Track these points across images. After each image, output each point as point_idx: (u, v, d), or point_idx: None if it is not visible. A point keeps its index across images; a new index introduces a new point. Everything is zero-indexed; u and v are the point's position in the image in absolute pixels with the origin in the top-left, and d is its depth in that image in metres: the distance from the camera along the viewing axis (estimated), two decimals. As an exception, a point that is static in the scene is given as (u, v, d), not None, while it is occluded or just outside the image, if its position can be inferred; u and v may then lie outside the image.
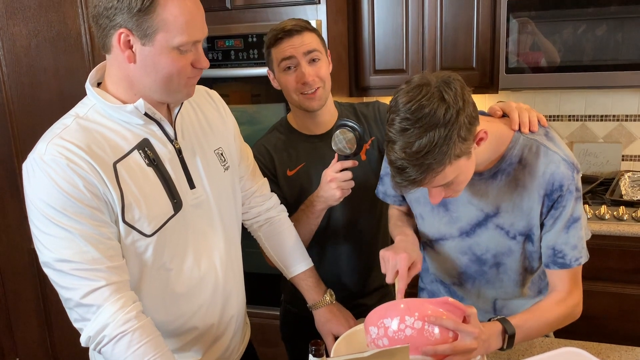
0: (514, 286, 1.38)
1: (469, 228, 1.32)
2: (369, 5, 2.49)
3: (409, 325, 1.07)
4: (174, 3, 1.03)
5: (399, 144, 1.05)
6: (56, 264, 1.04)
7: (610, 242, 2.12)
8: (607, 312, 2.20)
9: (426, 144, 1.03)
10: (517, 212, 1.26)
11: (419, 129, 1.03)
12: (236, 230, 1.37)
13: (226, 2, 2.33)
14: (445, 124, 1.03)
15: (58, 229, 1.03)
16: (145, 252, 1.13)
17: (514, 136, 1.24)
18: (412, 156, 1.04)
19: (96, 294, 1.04)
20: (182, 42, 1.05)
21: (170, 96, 1.14)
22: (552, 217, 1.23)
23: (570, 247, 1.24)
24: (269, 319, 2.66)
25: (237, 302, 1.35)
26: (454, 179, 1.11)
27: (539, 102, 2.69)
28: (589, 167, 2.63)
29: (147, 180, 1.12)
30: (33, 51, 2.34)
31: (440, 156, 1.04)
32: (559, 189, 1.20)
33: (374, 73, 2.56)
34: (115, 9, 1.02)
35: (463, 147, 1.07)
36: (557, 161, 1.20)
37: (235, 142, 1.39)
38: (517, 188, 1.24)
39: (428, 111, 1.03)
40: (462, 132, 1.06)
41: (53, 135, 1.06)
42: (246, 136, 1.49)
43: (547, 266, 1.28)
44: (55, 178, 1.02)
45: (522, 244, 1.29)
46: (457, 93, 1.06)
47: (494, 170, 1.25)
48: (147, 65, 1.06)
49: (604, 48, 2.18)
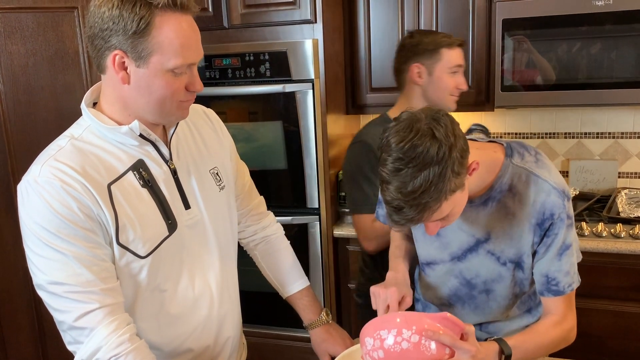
0: (502, 310, 1.38)
1: (460, 253, 1.33)
2: (365, 24, 2.51)
3: (405, 339, 1.05)
4: (169, 26, 1.03)
5: (394, 185, 1.05)
6: (49, 287, 1.03)
7: (607, 260, 2.12)
8: (605, 330, 2.19)
9: (421, 184, 1.03)
10: (507, 239, 1.26)
11: (413, 168, 1.03)
12: (232, 250, 1.36)
13: (223, 21, 2.35)
14: (439, 161, 1.03)
15: (51, 251, 1.02)
16: (139, 274, 1.12)
17: (503, 163, 1.24)
18: (408, 196, 1.04)
19: (89, 316, 1.03)
20: (177, 64, 1.05)
21: (163, 118, 1.14)
22: (545, 245, 1.24)
23: (563, 274, 1.25)
24: (267, 338, 2.63)
25: (233, 323, 1.33)
26: (450, 212, 1.11)
27: (534, 119, 2.70)
28: (585, 184, 2.63)
29: (142, 201, 1.12)
30: (31, 69, 2.35)
31: (436, 194, 1.04)
32: (550, 217, 1.21)
33: (371, 91, 2.58)
34: (111, 30, 1.02)
35: (457, 182, 1.07)
36: (548, 190, 1.21)
37: (232, 161, 1.38)
38: (507, 215, 1.25)
39: (421, 150, 1.02)
40: (455, 167, 1.05)
41: (47, 157, 1.06)
42: (243, 153, 1.49)
43: (542, 294, 1.29)
44: (49, 200, 1.02)
45: (512, 270, 1.30)
46: (448, 129, 1.06)
47: (485, 197, 1.25)
48: (141, 87, 1.06)
49: (599, 66, 2.19)
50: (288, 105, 2.33)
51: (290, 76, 2.32)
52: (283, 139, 2.38)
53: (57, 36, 2.34)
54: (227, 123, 1.42)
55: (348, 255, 2.49)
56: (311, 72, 2.30)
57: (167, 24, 1.03)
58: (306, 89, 2.31)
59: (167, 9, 1.03)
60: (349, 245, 2.48)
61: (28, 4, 2.30)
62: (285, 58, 2.31)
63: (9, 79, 2.34)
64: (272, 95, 2.32)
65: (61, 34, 2.35)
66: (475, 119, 2.77)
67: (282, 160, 2.42)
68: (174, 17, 1.04)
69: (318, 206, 2.43)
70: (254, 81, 2.36)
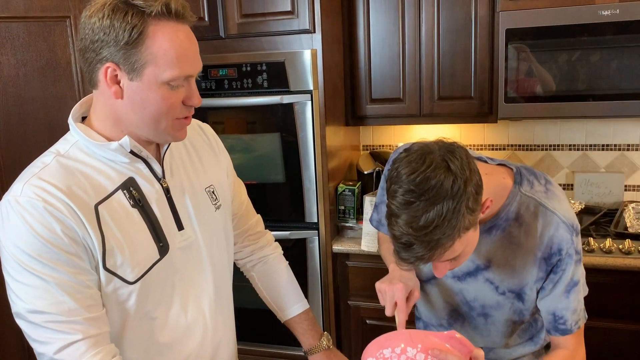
0: (501, 337, 1.32)
1: (461, 274, 1.27)
2: (364, 34, 2.46)
3: (410, 357, 0.98)
4: (164, 35, 0.97)
5: (404, 218, 0.98)
6: (29, 316, 0.96)
7: (617, 277, 2.05)
8: (616, 350, 2.12)
9: (434, 218, 0.96)
10: (508, 269, 1.21)
11: (425, 202, 0.96)
12: (227, 273, 1.29)
13: (220, 31, 2.30)
14: (453, 196, 0.96)
15: (32, 278, 0.95)
16: (127, 301, 1.05)
17: (511, 191, 1.19)
18: (419, 231, 0.97)
19: (71, 348, 0.96)
20: (173, 76, 0.98)
21: (158, 136, 1.06)
22: (552, 282, 1.20)
23: (570, 312, 1.21)
24: (264, 356, 2.55)
25: (227, 350, 1.26)
26: (462, 252, 1.05)
27: (538, 131, 2.64)
28: (591, 197, 2.57)
29: (132, 222, 1.05)
30: (21, 80, 2.29)
31: (450, 230, 0.97)
32: (557, 253, 1.16)
33: (371, 102, 2.52)
34: (102, 41, 0.96)
35: (471, 219, 1.01)
36: (556, 223, 1.16)
37: (228, 179, 1.32)
38: (510, 245, 1.20)
39: (434, 183, 0.96)
40: (470, 203, 0.99)
41: (30, 174, 0.99)
42: (240, 165, 1.44)
43: (549, 332, 1.25)
44: (31, 222, 0.94)
45: (511, 299, 1.24)
46: (463, 162, 0.99)
47: (489, 225, 1.20)
48: (134, 102, 1.00)
49: (605, 77, 2.14)
50: (286, 117, 2.27)
51: (289, 87, 2.26)
52: (281, 151, 2.32)
53: (48, 46, 2.28)
54: (224, 134, 1.36)
55: (348, 271, 2.42)
56: (310, 83, 2.24)
57: (162, 33, 0.97)
58: (305, 100, 2.25)
59: (161, 17, 0.96)
60: (349, 260, 2.40)
61: (19, 13, 2.24)
62: (283, 68, 2.25)
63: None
64: (270, 106, 2.26)
65: (52, 44, 2.29)
66: (477, 131, 2.71)
67: (280, 173, 2.36)
68: (168, 25, 0.97)
69: (317, 220, 2.36)
70: (251, 92, 2.30)
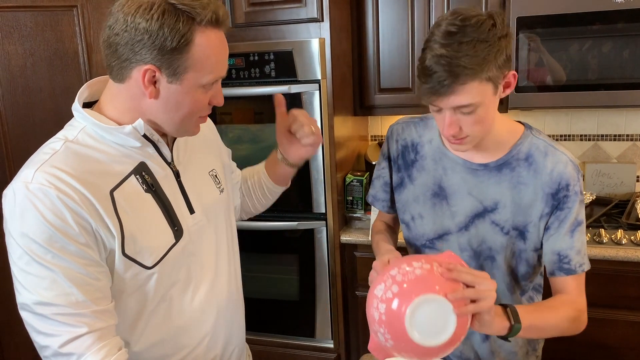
0: (505, 288, 1.34)
1: (467, 221, 1.30)
2: (373, 22, 2.43)
3: (417, 267, 1.01)
4: (208, 43, 0.97)
5: (441, 43, 1.06)
6: (35, 307, 0.94)
7: (629, 269, 2.02)
8: (626, 342, 2.10)
9: (467, 47, 1.04)
10: (515, 208, 1.25)
11: (464, 33, 1.05)
12: (236, 254, 1.30)
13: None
14: (489, 38, 1.05)
15: (40, 268, 0.94)
16: (145, 285, 1.05)
17: (523, 132, 1.26)
18: (451, 52, 1.04)
19: (77, 342, 0.94)
20: (210, 80, 1.00)
21: (179, 132, 1.08)
22: (558, 219, 1.23)
23: (575, 252, 1.24)
24: (270, 346, 2.56)
25: (239, 331, 1.28)
26: (474, 109, 1.10)
27: (549, 121, 2.61)
28: (602, 188, 2.54)
29: (146, 207, 1.05)
30: (29, 70, 2.28)
31: (477, 63, 1.04)
32: (565, 188, 1.21)
33: (379, 92, 2.49)
34: (144, 43, 0.94)
35: (494, 75, 1.08)
36: (565, 161, 1.23)
37: (228, 161, 1.36)
38: (518, 185, 1.24)
39: (475, 22, 1.05)
40: (500, 58, 1.07)
41: (41, 161, 0.97)
42: (249, 155, 1.45)
43: (552, 274, 1.26)
44: (42, 209, 0.92)
45: (514, 239, 1.28)
46: (505, 24, 1.09)
47: (501, 162, 1.25)
48: (169, 103, 1.00)
49: (618, 66, 2.10)
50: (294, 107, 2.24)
51: (296, 77, 2.24)
52: (289, 141, 2.30)
53: (55, 36, 2.27)
54: (231, 125, 1.36)
55: (355, 262, 2.41)
56: (318, 72, 2.22)
57: (207, 40, 0.97)
58: (313, 90, 2.23)
59: (208, 25, 0.97)
60: (357, 251, 2.39)
61: (26, 2, 2.23)
62: (291, 58, 2.23)
63: (7, 79, 2.27)
64: (278, 96, 2.25)
65: (60, 33, 2.28)
66: (487, 120, 2.68)
67: (287, 163, 2.34)
68: (213, 33, 0.98)
69: (325, 211, 2.35)
70: (258, 82, 2.29)
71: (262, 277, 1.47)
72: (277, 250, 2.45)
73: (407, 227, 1.41)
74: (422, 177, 1.34)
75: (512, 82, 1.14)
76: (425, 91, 1.09)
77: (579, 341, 1.71)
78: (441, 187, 1.32)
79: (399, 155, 1.39)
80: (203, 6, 0.95)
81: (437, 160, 1.32)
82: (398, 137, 1.40)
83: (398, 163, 1.39)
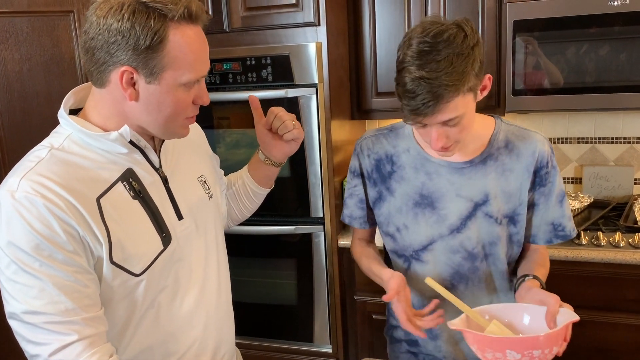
0: (501, 279, 1.36)
1: (460, 223, 1.30)
2: (370, 26, 2.43)
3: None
4: (184, 39, 0.96)
5: (417, 64, 1.06)
6: (25, 316, 0.93)
7: (627, 272, 2.02)
8: (623, 345, 2.09)
9: (444, 65, 1.05)
10: (504, 196, 1.30)
11: (437, 51, 1.05)
12: (224, 260, 1.30)
13: (224, 25, 2.28)
14: (464, 50, 1.06)
15: (27, 277, 0.93)
16: (134, 292, 1.04)
17: (496, 122, 1.32)
18: (430, 73, 1.04)
19: (67, 350, 0.94)
20: (190, 79, 0.99)
21: (166, 134, 1.07)
22: (543, 195, 1.32)
23: (567, 219, 1.35)
24: (268, 351, 2.55)
25: (229, 336, 1.28)
26: (459, 119, 1.12)
27: (546, 124, 2.61)
28: (600, 191, 2.53)
29: (134, 214, 1.04)
30: (25, 75, 2.28)
31: (457, 79, 1.05)
32: (546, 165, 1.29)
33: (376, 95, 2.49)
34: (119, 44, 0.93)
35: (473, 84, 1.10)
36: (542, 140, 1.30)
37: (215, 168, 1.35)
38: (504, 172, 1.29)
39: (447, 37, 1.06)
40: (475, 66, 1.09)
41: (26, 169, 0.96)
42: (246, 159, 1.45)
43: (550, 241, 1.35)
44: (28, 218, 0.92)
45: (506, 227, 1.32)
46: (474, 30, 1.10)
47: (484, 155, 1.29)
48: (150, 104, 0.99)
49: (614, 69, 2.10)
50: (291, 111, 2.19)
51: (293, 81, 2.24)
52: (286, 145, 2.30)
53: (52, 41, 2.27)
54: (229, 129, 1.36)
55: (353, 266, 2.41)
56: (315, 76, 2.22)
57: (181, 37, 0.96)
58: (310, 94, 2.23)
59: (181, 20, 0.96)
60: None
61: (22, 8, 2.23)
62: (288, 62, 2.23)
63: (3, 85, 2.27)
64: (275, 100, 2.24)
65: (56, 38, 2.27)
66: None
67: (285, 168, 2.34)
68: (188, 29, 0.97)
69: (322, 215, 2.35)
70: (255, 86, 2.29)
71: (259, 282, 1.47)
72: (275, 254, 2.45)
73: (393, 239, 1.40)
74: (403, 188, 1.34)
75: (487, 85, 1.18)
76: (408, 112, 1.10)
77: (577, 344, 1.70)
78: (423, 196, 1.32)
79: (373, 170, 1.38)
80: (174, 2, 0.95)
81: (419, 167, 1.32)
82: (369, 151, 1.39)
83: (373, 177, 1.39)
